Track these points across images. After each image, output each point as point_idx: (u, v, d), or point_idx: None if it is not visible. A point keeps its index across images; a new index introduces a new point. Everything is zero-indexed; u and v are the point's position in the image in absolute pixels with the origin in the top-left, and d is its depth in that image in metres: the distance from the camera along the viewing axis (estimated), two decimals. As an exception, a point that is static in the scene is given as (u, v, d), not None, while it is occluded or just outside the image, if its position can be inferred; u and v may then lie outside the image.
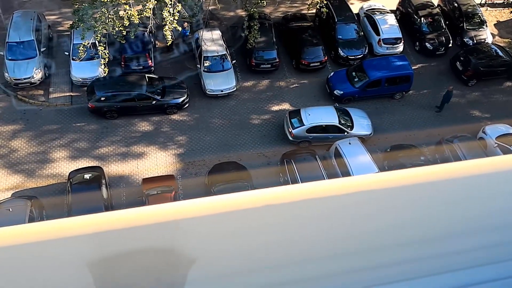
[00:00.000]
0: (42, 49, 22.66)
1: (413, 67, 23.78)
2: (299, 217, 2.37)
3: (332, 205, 2.38)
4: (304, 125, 20.83)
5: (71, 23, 21.36)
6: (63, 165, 20.16)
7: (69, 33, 23.31)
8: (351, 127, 21.15)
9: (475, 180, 2.53)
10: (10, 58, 22.04)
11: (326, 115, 21.19)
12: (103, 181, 18.60)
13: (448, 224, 2.63)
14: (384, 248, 2.63)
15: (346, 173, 19.31)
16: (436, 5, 26.98)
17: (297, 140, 21.06)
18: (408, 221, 2.57)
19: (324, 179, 18.99)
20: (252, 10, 22.02)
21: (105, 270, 2.26)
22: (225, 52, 23.11)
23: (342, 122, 21.15)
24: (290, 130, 20.98)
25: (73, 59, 22.15)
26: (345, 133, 20.98)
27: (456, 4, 26.91)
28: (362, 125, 21.49)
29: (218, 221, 2.27)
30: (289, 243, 2.47)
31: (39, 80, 22.24)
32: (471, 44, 25.76)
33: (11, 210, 16.99)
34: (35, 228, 2.15)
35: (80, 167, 19.62)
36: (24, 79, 21.91)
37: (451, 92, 22.82)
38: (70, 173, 19.04)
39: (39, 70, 22.16)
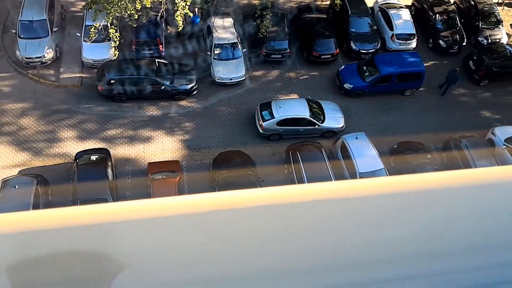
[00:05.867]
0: (54, 29, 22.71)
1: (425, 64, 23.52)
2: (252, 224, 2.12)
3: (301, 212, 2.14)
4: (274, 117, 20.55)
5: (84, 4, 21.35)
6: (70, 146, 20.32)
7: (81, 14, 23.32)
8: (323, 120, 20.95)
9: (498, 189, 2.29)
10: (22, 36, 22.12)
11: (297, 108, 20.91)
12: (109, 163, 18.72)
13: (463, 237, 2.41)
14: (388, 262, 2.40)
15: (351, 168, 19.26)
16: (451, 2, 26.60)
17: (268, 133, 20.81)
18: (417, 231, 2.33)
19: (329, 172, 18.95)
20: (265, -1, 21.84)
21: (26, 275, 2.04)
22: (236, 40, 23.00)
23: (313, 115, 20.88)
24: (260, 123, 20.69)
25: (84, 41, 22.18)
26: (316, 126, 20.79)
27: (472, 2, 26.50)
28: (334, 118, 21.23)
29: (155, 226, 2.04)
30: (239, 253, 2.20)
31: (50, 60, 22.33)
32: (485, 43, 25.41)
33: (17, 187, 17.19)
34: None
35: (87, 148, 19.76)
36: (35, 58, 22.00)
37: (455, 73, 22.62)
38: (76, 153, 19.18)
39: (51, 50, 22.24)
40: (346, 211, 2.20)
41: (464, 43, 25.20)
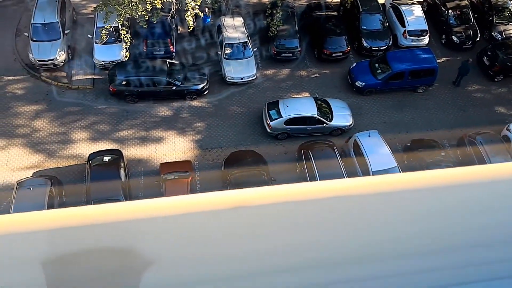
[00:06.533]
0: (66, 31, 22.90)
1: (438, 61, 23.25)
2: (271, 221, 2.17)
3: (313, 209, 2.20)
4: (282, 117, 20.43)
5: (95, 6, 21.49)
6: (83, 147, 20.46)
7: (93, 16, 23.48)
8: (331, 119, 20.79)
9: (499, 186, 2.32)
10: (34, 39, 22.34)
11: (305, 107, 20.77)
12: (122, 164, 18.81)
13: (464, 233, 2.45)
14: (387, 259, 2.45)
15: (364, 166, 19.11)
16: (465, -3, 26.28)
17: (275, 132, 20.70)
18: (421, 228, 2.38)
19: (342, 171, 18.83)
20: (275, -3, 21.78)
21: (59, 270, 2.16)
22: (246, 40, 22.97)
23: (321, 113, 20.73)
24: (268, 122, 20.58)
25: (96, 42, 22.33)
26: (324, 125, 20.66)
27: (486, -3, 26.15)
28: (342, 116, 21.07)
29: (182, 223, 2.12)
30: (263, 249, 2.26)
31: (62, 62, 22.52)
32: (499, 38, 25.05)
33: (31, 189, 17.35)
34: None
35: (99, 149, 19.88)
36: (48, 60, 22.21)
37: (468, 63, 22.51)
38: (89, 155, 19.31)
39: (63, 52, 22.43)
40: (346, 209, 2.26)
41: (478, 39, 24.86)
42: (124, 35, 20.86)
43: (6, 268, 2.13)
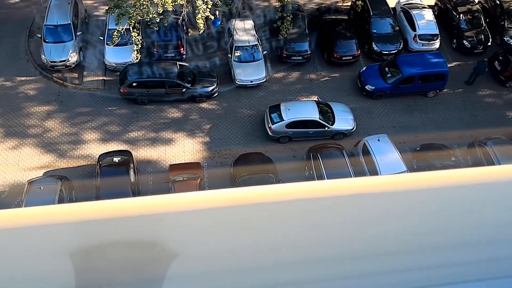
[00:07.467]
0: (78, 33, 23.15)
1: (449, 65, 23.13)
2: (290, 217, 2.27)
3: (323, 206, 2.28)
4: (283, 120, 20.44)
5: (107, 8, 21.71)
6: (94, 148, 20.63)
7: (104, 18, 23.70)
8: (332, 122, 20.75)
9: (499, 187, 2.37)
10: (47, 40, 22.61)
11: (306, 110, 20.77)
12: (131, 165, 18.93)
13: (462, 232, 2.49)
14: (387, 255, 2.51)
15: (373, 170, 19.04)
16: (476, 2, 26.11)
17: (277, 135, 20.71)
18: (420, 227, 2.44)
19: (351, 175, 18.78)
20: (285, 1, 21.83)
21: (87, 261, 2.22)
22: (256, 43, 23.03)
23: (323, 117, 20.72)
24: (269, 126, 20.61)
25: (107, 44, 22.54)
26: (326, 128, 20.64)
27: (497, 1, 25.96)
28: (344, 119, 21.03)
29: (205, 217, 2.19)
30: (280, 244, 2.35)
31: (74, 63, 22.76)
32: (511, 43, 24.85)
33: (42, 188, 17.52)
34: (19, 213, 2.11)
35: (109, 150, 20.03)
36: (60, 61, 22.46)
37: (484, 63, 22.48)
38: (99, 155, 19.46)
39: (75, 54, 22.67)
40: (348, 207, 2.33)
41: (489, 43, 24.71)
42: (135, 37, 21.04)
43: (36, 259, 2.19)
